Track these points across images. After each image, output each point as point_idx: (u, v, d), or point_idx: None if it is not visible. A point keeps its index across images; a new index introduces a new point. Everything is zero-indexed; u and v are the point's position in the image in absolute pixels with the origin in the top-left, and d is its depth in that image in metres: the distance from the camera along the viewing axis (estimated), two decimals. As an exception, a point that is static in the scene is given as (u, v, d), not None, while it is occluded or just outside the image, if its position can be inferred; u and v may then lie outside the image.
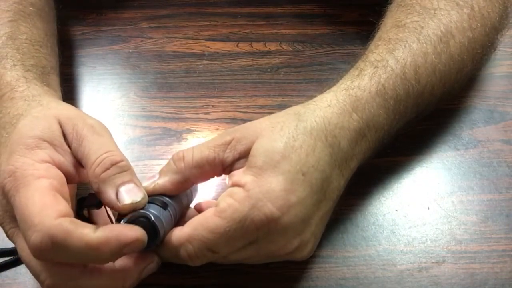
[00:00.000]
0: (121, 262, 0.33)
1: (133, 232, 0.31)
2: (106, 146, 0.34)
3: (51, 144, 0.34)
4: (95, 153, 0.33)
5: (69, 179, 0.34)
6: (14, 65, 0.40)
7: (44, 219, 0.30)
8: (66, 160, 0.34)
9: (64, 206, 0.31)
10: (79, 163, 0.35)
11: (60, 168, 0.33)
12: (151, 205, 0.34)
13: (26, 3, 0.46)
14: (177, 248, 0.34)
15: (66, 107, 0.37)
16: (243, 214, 0.33)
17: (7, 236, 0.34)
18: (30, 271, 0.33)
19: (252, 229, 0.33)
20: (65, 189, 0.33)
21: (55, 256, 0.31)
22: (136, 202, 0.33)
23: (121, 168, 0.33)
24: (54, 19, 0.50)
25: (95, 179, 0.33)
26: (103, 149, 0.34)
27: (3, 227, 0.34)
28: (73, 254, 0.30)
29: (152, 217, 0.33)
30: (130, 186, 0.33)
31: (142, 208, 0.33)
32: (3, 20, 0.43)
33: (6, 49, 0.41)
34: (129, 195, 0.33)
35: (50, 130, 0.34)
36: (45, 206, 0.31)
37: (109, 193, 0.33)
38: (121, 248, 0.31)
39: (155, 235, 0.33)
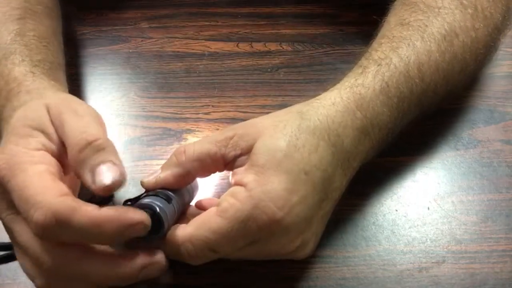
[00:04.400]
0: (127, 252, 0.33)
1: (138, 215, 0.31)
2: (82, 127, 0.33)
3: (43, 132, 0.34)
4: (72, 136, 0.33)
5: (63, 168, 0.34)
6: (23, 60, 0.40)
7: (47, 197, 0.30)
8: (58, 149, 0.34)
9: (64, 187, 0.31)
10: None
11: (53, 156, 0.33)
12: (156, 197, 0.34)
13: (34, 2, 0.47)
14: (178, 247, 0.33)
15: (61, 95, 0.37)
16: (245, 214, 0.32)
17: (4, 223, 0.34)
18: (28, 257, 0.32)
19: (254, 229, 0.33)
20: (62, 175, 0.33)
21: (58, 234, 0.30)
22: (111, 184, 0.31)
23: (96, 148, 0.32)
24: (60, 17, 0.51)
25: (73, 163, 0.32)
26: (80, 130, 0.33)
27: None
28: (76, 231, 0.30)
29: (158, 208, 0.33)
30: (105, 166, 0.31)
31: (148, 200, 0.33)
32: (13, 17, 0.44)
33: (15, 45, 0.42)
34: (105, 176, 0.31)
35: (40, 118, 0.34)
36: (46, 186, 0.31)
37: (86, 177, 0.31)
38: (124, 228, 0.31)
39: (160, 226, 0.33)
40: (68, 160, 0.33)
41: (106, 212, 0.30)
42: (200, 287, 0.38)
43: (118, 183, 0.31)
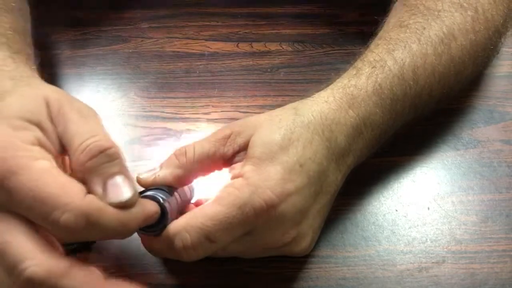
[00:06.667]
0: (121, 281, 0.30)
1: (152, 206, 0.32)
2: (92, 130, 0.31)
3: (40, 127, 0.30)
4: (80, 137, 0.30)
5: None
6: (1, 44, 0.37)
7: (73, 198, 0.28)
8: (54, 147, 0.31)
9: (82, 185, 0.29)
10: (65, 150, 0.31)
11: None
12: (158, 190, 0.34)
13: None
14: (172, 238, 0.32)
15: (56, 89, 0.34)
16: (243, 200, 0.33)
17: None
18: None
19: (251, 216, 0.33)
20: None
21: (83, 235, 0.29)
22: (126, 201, 0.29)
23: (109, 157, 0.30)
24: (30, 22, 0.47)
25: (79, 167, 0.30)
26: (89, 133, 0.30)
27: None
28: (102, 231, 0.29)
29: (161, 200, 0.33)
30: (120, 179, 0.30)
31: (151, 192, 0.33)
32: None
33: None
34: (118, 191, 0.29)
35: (39, 111, 0.31)
36: (65, 185, 0.28)
37: (96, 187, 0.30)
38: (144, 222, 0.31)
39: (163, 218, 0.33)
40: (72, 164, 0.31)
41: (131, 209, 0.30)
42: (200, 287, 0.38)
43: (133, 200, 0.30)
